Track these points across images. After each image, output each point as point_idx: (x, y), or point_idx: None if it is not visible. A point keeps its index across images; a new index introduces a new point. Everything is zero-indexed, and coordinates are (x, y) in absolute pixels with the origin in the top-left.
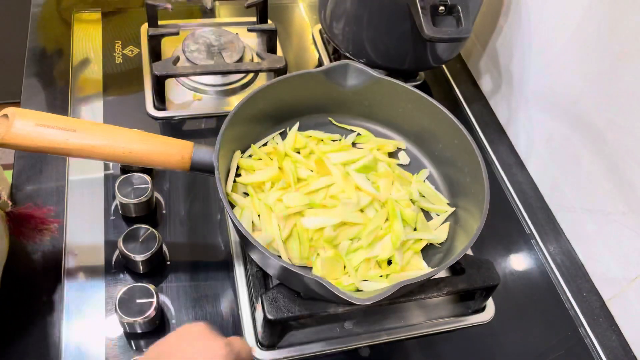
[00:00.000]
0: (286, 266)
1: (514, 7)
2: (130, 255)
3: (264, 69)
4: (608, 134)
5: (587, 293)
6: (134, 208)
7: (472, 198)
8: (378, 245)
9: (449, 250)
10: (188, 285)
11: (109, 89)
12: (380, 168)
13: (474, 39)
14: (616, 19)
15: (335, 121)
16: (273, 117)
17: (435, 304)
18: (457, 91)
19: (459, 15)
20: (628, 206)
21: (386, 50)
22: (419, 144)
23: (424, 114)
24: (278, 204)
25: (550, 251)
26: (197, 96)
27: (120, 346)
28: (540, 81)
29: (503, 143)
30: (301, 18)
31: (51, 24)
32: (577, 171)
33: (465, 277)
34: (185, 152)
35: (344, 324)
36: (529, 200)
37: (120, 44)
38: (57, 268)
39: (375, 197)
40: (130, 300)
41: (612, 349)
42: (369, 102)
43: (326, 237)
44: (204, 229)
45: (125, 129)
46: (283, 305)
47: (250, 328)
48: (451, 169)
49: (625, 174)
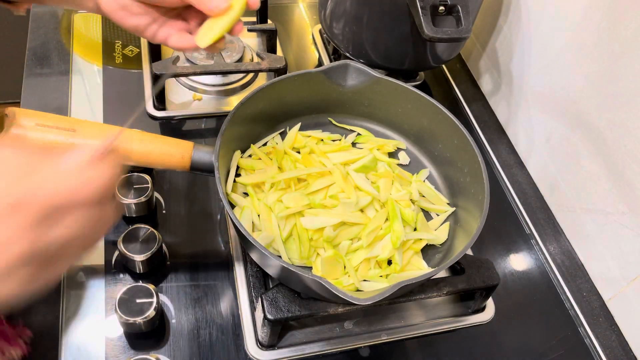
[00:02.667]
0: (286, 266)
1: (514, 7)
2: (130, 255)
3: (263, 69)
4: (608, 134)
5: (587, 293)
6: (134, 208)
7: (472, 198)
8: (378, 245)
9: (449, 250)
10: (188, 285)
11: (109, 89)
12: (380, 168)
13: (474, 39)
14: (616, 19)
15: (335, 121)
16: (273, 117)
17: (435, 304)
18: (457, 91)
19: (459, 15)
20: (628, 206)
21: (386, 50)
22: (419, 144)
23: (424, 114)
24: (278, 204)
25: (550, 251)
26: (197, 96)
27: (120, 346)
28: (540, 81)
29: (503, 143)
30: (301, 18)
31: (51, 24)
32: (577, 171)
33: (465, 277)
34: (185, 152)
35: (344, 324)
36: (529, 200)
37: (120, 44)
38: None
39: (375, 197)
40: (130, 300)
41: (612, 349)
42: (369, 102)
43: (326, 237)
44: (204, 229)
45: (125, 128)
46: (283, 305)
47: (250, 328)
48: (451, 169)
49: (625, 174)
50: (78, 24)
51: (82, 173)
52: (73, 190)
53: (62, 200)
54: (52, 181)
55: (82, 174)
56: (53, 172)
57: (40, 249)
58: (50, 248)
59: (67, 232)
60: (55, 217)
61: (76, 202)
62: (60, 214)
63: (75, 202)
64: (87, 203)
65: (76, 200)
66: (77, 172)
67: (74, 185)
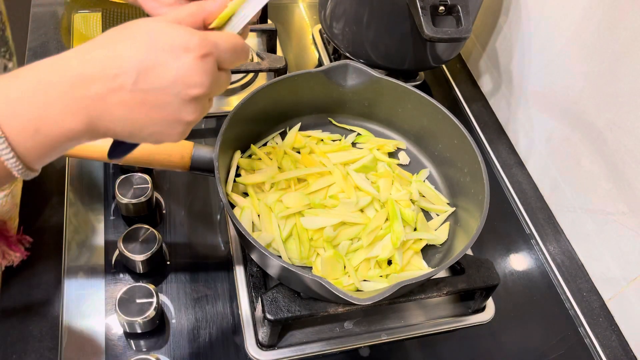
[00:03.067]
0: (286, 266)
1: (514, 7)
2: (130, 255)
3: (264, 69)
4: (608, 134)
5: (587, 293)
6: (134, 208)
7: (472, 198)
8: (378, 245)
9: (449, 250)
10: (188, 285)
11: None
12: (380, 168)
13: (474, 39)
14: (616, 19)
15: (335, 121)
16: (273, 117)
17: (435, 304)
18: (457, 91)
19: (459, 15)
20: (628, 206)
21: (386, 50)
22: (419, 144)
23: (424, 114)
24: (278, 204)
25: (550, 251)
26: None
27: (120, 346)
28: (540, 81)
29: (503, 143)
30: (301, 18)
31: (51, 24)
32: (577, 171)
33: (465, 277)
34: (185, 152)
35: (344, 324)
36: (529, 200)
37: None
38: (57, 268)
39: (375, 197)
40: (130, 300)
41: (612, 349)
42: (369, 102)
43: (326, 237)
44: (204, 229)
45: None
46: (283, 305)
47: (250, 328)
48: (451, 169)
49: (625, 174)
50: (78, 24)
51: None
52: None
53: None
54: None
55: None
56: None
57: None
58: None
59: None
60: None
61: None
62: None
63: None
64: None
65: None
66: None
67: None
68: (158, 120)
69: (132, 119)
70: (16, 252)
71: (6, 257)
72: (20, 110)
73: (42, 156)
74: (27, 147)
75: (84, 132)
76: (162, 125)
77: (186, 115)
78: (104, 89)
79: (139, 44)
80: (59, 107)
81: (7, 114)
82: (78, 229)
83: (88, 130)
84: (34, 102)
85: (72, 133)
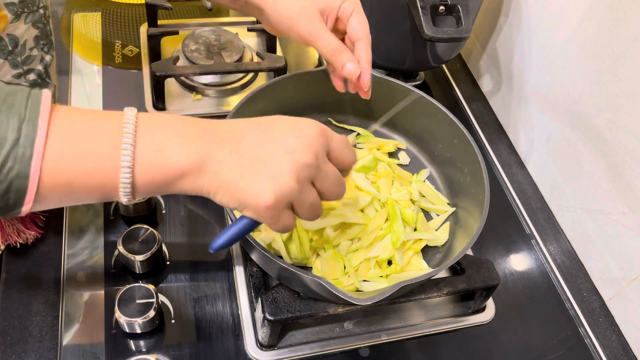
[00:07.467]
0: (286, 266)
1: (514, 7)
2: (130, 256)
3: (263, 69)
4: (608, 134)
5: (587, 293)
6: (133, 208)
7: (472, 198)
8: (378, 246)
9: (449, 250)
10: (188, 285)
11: (108, 89)
12: (380, 168)
13: (474, 39)
14: (616, 19)
15: (335, 121)
16: None
17: (435, 304)
18: (457, 91)
19: (459, 15)
20: (628, 206)
21: (386, 50)
22: (419, 144)
23: (424, 114)
24: None
25: (550, 251)
26: (197, 96)
27: (120, 346)
28: (540, 81)
29: (503, 143)
30: None
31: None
32: (577, 171)
33: (465, 277)
34: None
35: (344, 324)
36: (529, 200)
37: (119, 44)
38: (57, 268)
39: (375, 197)
40: (130, 300)
41: (612, 349)
42: (369, 102)
43: (326, 237)
44: (204, 229)
45: None
46: (283, 305)
47: (250, 328)
48: (451, 169)
49: (625, 174)
50: (78, 23)
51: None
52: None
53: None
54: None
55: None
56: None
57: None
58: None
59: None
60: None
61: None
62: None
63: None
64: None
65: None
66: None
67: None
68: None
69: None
70: (30, 230)
71: (21, 235)
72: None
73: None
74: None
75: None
76: None
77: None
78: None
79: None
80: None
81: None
82: (78, 229)
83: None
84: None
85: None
